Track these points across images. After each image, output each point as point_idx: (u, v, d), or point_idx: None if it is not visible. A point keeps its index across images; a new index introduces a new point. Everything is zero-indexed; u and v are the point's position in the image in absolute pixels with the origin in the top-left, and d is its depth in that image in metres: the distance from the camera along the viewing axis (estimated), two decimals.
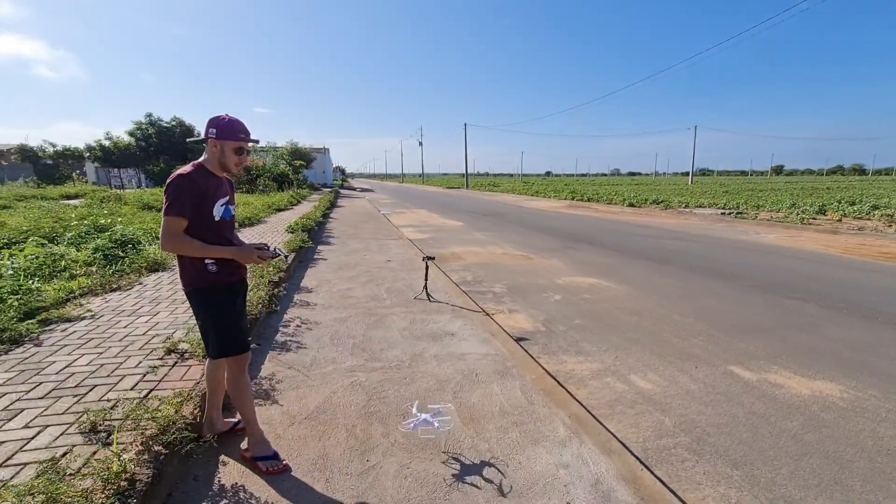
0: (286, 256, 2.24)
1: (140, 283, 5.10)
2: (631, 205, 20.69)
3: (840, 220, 13.35)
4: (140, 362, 2.97)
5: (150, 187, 26.79)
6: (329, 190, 35.29)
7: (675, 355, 3.71)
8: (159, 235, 2.00)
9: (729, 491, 2.14)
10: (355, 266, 6.92)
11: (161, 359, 3.04)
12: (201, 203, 1.97)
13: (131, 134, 31.92)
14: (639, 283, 6.15)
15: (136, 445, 2.01)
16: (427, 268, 5.29)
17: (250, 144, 2.12)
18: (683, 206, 19.24)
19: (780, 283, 6.11)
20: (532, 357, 3.63)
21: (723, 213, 16.05)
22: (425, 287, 5.23)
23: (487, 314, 4.72)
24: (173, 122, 32.84)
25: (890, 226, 11.81)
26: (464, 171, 57.20)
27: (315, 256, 7.67)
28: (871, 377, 3.31)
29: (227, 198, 2.14)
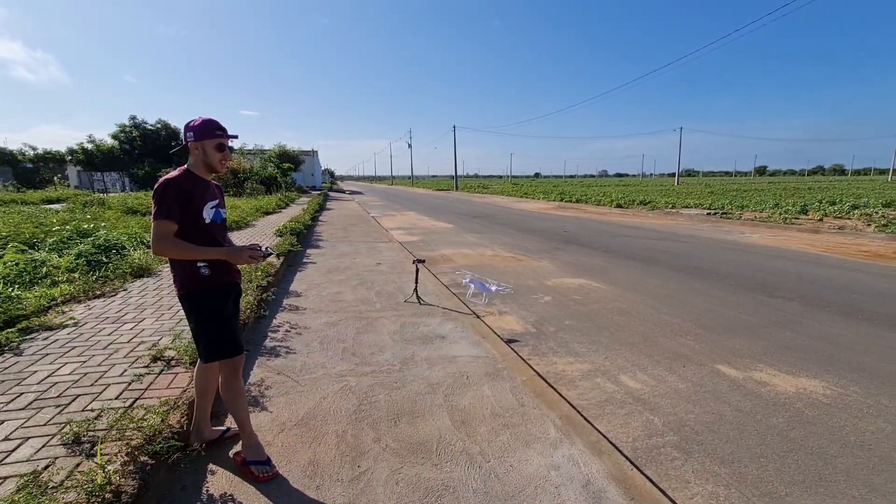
0: (277, 255, 2.23)
1: (124, 290, 5.00)
2: (619, 206, 20.91)
3: (821, 220, 13.65)
4: (125, 371, 2.92)
5: (135, 191, 26.34)
6: (318, 192, 35.07)
7: (664, 355, 3.76)
8: (150, 241, 1.99)
9: (717, 489, 2.17)
10: (345, 269, 6.88)
11: (147, 367, 2.98)
12: (189, 206, 1.98)
13: (115, 137, 31.38)
14: (627, 284, 6.21)
15: (122, 456, 1.97)
16: (417, 271, 5.28)
17: (231, 141, 2.12)
18: (670, 206, 19.49)
19: (764, 282, 6.22)
20: (522, 359, 3.64)
21: (708, 214, 16.30)
22: (416, 290, 5.22)
23: (478, 316, 4.73)
24: (158, 125, 32.38)
25: (869, 225, 12.10)
26: (453, 173, 57.29)
27: (304, 260, 7.60)
28: (853, 373, 3.38)
29: (217, 201, 2.14)
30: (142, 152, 31.27)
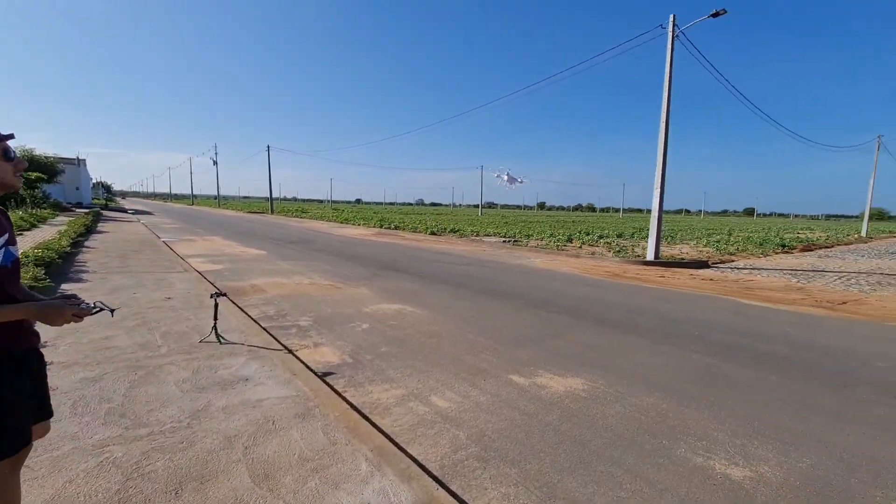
0: (112, 312, 1.58)
1: None
2: (433, 233, 22.58)
3: (581, 247, 17.31)
4: None
5: None
6: (86, 211, 28.13)
7: (469, 371, 4.13)
8: None
9: (509, 489, 2.44)
10: (120, 307, 5.59)
11: None
12: None
13: None
14: (439, 307, 6.68)
15: None
16: (216, 305, 4.64)
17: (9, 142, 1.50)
18: (475, 234, 22.01)
19: (544, 300, 7.50)
20: (337, 392, 3.52)
21: (504, 241, 18.97)
22: (214, 327, 4.56)
23: (290, 351, 4.40)
24: None
25: (609, 251, 15.89)
26: (268, 195, 53.31)
27: None
28: (601, 370, 4.31)
29: (7, 236, 1.51)
30: None
